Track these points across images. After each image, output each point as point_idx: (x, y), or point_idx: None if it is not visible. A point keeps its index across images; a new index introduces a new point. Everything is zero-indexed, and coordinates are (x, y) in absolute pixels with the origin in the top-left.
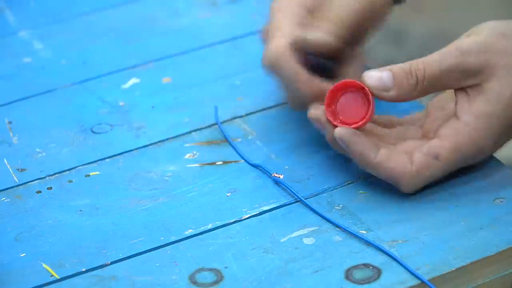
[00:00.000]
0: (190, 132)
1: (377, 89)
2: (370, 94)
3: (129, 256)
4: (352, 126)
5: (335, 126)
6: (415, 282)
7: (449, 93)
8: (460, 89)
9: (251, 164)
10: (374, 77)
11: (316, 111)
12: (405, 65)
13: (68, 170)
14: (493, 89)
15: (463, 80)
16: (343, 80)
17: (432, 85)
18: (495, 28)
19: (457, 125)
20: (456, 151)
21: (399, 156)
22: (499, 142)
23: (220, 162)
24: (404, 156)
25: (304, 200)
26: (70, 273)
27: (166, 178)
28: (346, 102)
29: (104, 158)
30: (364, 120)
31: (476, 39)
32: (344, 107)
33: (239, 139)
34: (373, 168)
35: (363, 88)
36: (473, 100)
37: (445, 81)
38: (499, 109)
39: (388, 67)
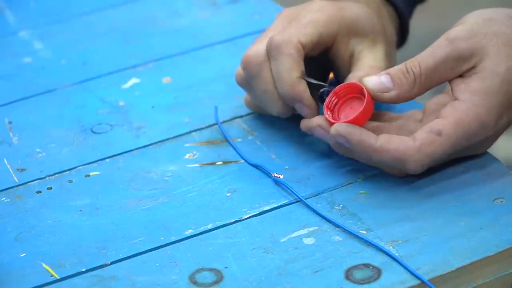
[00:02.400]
0: (190, 132)
1: (378, 91)
2: (366, 92)
3: (129, 256)
4: (344, 121)
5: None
6: (415, 282)
7: (446, 94)
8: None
9: (251, 164)
10: (374, 80)
11: (317, 120)
12: (401, 65)
13: (68, 170)
14: (486, 67)
15: (458, 67)
16: (342, 84)
17: (429, 78)
18: (481, 15)
19: (456, 104)
20: (458, 126)
21: (400, 137)
22: (502, 120)
23: (220, 162)
24: (405, 136)
25: (304, 200)
26: (70, 273)
27: (166, 178)
28: (346, 107)
29: (104, 158)
30: (357, 114)
31: (462, 27)
32: (344, 112)
33: (239, 139)
34: (376, 153)
35: (361, 89)
36: (468, 81)
37: (441, 72)
38: (495, 84)
39: (385, 71)
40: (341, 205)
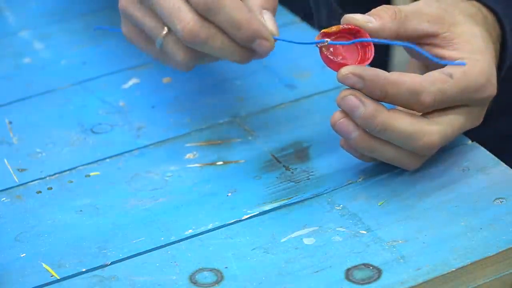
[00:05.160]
0: (190, 132)
1: (363, 21)
2: (367, 34)
3: (129, 256)
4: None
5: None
6: (415, 282)
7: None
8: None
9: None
10: (354, 15)
11: (346, 91)
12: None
13: (68, 170)
14: (464, 31)
15: (432, 22)
16: (334, 26)
17: (408, 18)
18: None
19: (462, 60)
20: (467, 75)
21: (413, 73)
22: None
23: (220, 162)
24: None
25: (304, 200)
26: (70, 273)
27: (166, 178)
28: (340, 50)
29: (104, 158)
30: (368, 61)
31: None
32: (338, 55)
33: (239, 139)
34: (393, 86)
35: (358, 31)
36: (456, 46)
37: (418, 20)
38: (481, 45)
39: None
40: (341, 205)
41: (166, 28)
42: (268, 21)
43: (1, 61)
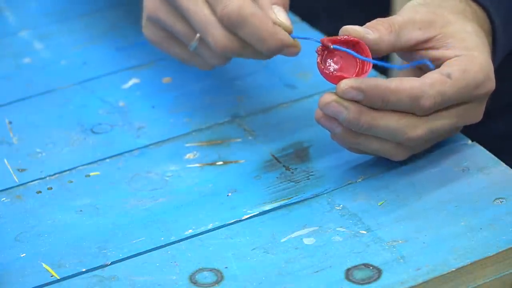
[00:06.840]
0: (190, 132)
1: (362, 33)
2: (366, 46)
3: (129, 256)
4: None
5: (338, 79)
6: (415, 282)
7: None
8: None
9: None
10: (354, 27)
11: (328, 97)
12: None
13: (68, 170)
14: (457, 30)
15: (424, 28)
16: (332, 37)
17: (402, 29)
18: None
19: (458, 57)
20: (466, 73)
21: (411, 77)
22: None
23: (220, 162)
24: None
25: (304, 200)
26: (70, 273)
27: (166, 178)
28: (338, 62)
29: (104, 158)
30: (366, 74)
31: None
32: (337, 69)
33: (239, 139)
34: (393, 94)
35: (357, 42)
36: (452, 45)
37: (411, 29)
38: (475, 41)
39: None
40: (341, 205)
41: (199, 34)
42: (280, 16)
43: (1, 61)
